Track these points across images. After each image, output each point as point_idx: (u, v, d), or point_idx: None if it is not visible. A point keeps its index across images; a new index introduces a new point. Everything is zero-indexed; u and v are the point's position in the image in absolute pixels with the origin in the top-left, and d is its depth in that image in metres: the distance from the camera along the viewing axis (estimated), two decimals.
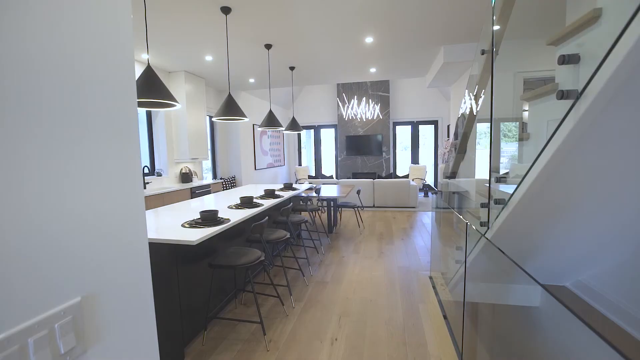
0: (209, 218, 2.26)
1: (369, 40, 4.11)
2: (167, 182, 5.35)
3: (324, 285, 3.12)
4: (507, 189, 1.60)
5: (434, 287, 3.06)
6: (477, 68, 2.43)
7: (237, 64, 5.03)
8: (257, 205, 2.97)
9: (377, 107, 9.60)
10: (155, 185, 5.04)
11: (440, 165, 5.12)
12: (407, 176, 7.56)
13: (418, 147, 9.86)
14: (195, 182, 5.50)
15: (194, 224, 2.22)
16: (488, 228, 1.75)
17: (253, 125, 7.94)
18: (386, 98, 9.51)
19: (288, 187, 4.28)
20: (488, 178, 1.85)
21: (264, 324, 2.41)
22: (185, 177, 5.53)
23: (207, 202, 3.26)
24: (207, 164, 7.17)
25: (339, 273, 3.43)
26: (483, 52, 2.12)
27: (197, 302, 2.28)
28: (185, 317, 2.13)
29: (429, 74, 5.81)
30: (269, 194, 3.55)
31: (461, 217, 2.22)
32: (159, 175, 5.13)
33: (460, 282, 2.25)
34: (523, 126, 2.16)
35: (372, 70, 5.71)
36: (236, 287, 2.86)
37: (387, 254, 4.01)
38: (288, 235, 2.90)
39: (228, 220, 2.37)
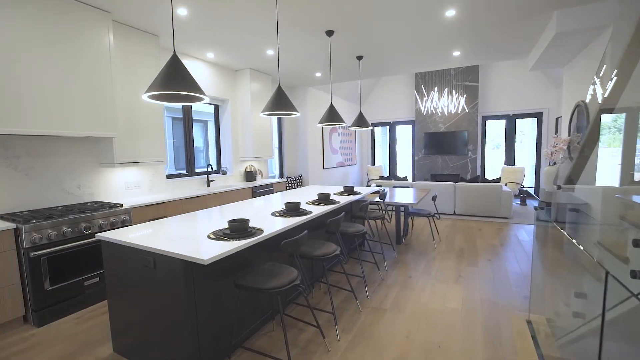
0: (237, 229, 1.93)
1: (450, 13, 3.33)
2: (232, 180, 5.38)
3: (380, 314, 2.56)
4: None
5: (533, 337, 2.23)
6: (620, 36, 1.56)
7: (298, 55, 4.72)
8: (303, 212, 2.56)
9: (463, 100, 8.35)
10: (219, 184, 5.09)
11: (545, 168, 3.99)
12: (498, 180, 6.32)
13: (514, 145, 8.28)
14: (258, 181, 5.42)
15: (220, 235, 1.91)
16: None
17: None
18: (474, 88, 8.20)
19: (348, 190, 3.79)
20: None
21: None
22: (249, 175, 5.49)
23: (256, 205, 2.99)
24: (275, 162, 7.14)
25: (402, 298, 2.81)
26: None
27: (223, 326, 1.98)
28: (205, 343, 1.83)
29: (533, 53, 4.61)
30: (323, 199, 3.12)
31: (587, 253, 1.43)
32: (224, 173, 5.17)
33: (583, 341, 1.46)
34: None
35: (456, 54, 4.80)
36: (273, 308, 2.51)
37: (468, 279, 3.20)
38: (337, 252, 2.42)
39: (260, 231, 2.01)
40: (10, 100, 2.46)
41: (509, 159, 8.32)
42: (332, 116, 3.96)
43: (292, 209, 2.58)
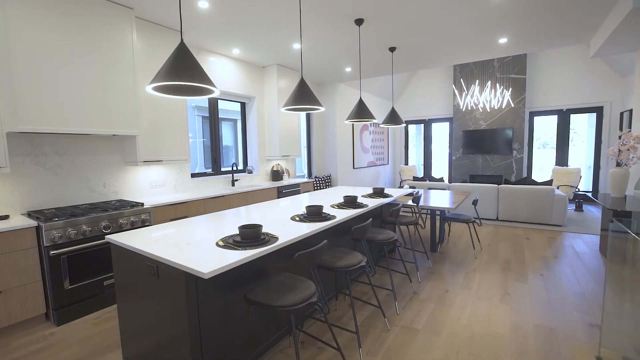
0: (248, 236, 1.73)
1: None
2: (258, 180, 5.26)
3: (412, 335, 2.24)
4: None
5: None
6: None
7: (325, 49, 4.47)
8: (326, 217, 2.31)
9: (508, 94, 7.63)
10: (244, 183, 4.99)
11: (612, 170, 3.42)
12: (549, 182, 5.64)
13: (567, 143, 7.43)
14: (285, 181, 5.26)
15: (230, 243, 1.72)
16: None
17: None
18: (521, 81, 7.46)
19: (378, 192, 3.48)
20: None
21: None
22: (276, 175, 5.35)
23: (277, 207, 2.79)
24: (303, 161, 6.95)
25: (438, 317, 2.46)
26: None
27: (232, 340, 1.79)
28: (210, 359, 1.65)
29: (597, 37, 3.99)
30: (349, 202, 2.85)
31: None
32: (250, 172, 5.06)
33: None
34: None
35: (502, 41, 4.29)
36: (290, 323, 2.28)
37: (517, 298, 2.77)
38: (363, 263, 2.14)
39: (275, 239, 1.79)
40: (38, 99, 2.46)
41: (561, 158, 7.48)
42: (361, 111, 3.67)
43: (314, 214, 2.34)
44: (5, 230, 2.25)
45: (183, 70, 1.62)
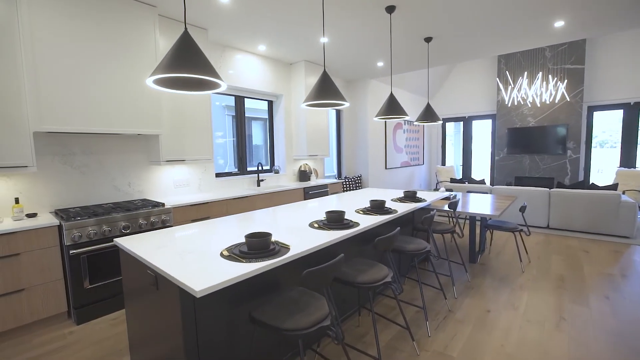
0: (255, 246, 1.54)
1: None
2: (285, 180, 5.13)
3: None
4: None
5: None
6: None
7: (354, 41, 4.20)
8: (347, 225, 2.08)
9: (562, 86, 6.84)
10: (271, 183, 4.87)
11: None
12: (614, 187, 4.91)
13: (635, 142, 6.49)
14: (312, 182, 5.07)
15: (235, 254, 1.54)
16: None
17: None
18: (578, 72, 6.65)
19: (410, 196, 3.16)
20: None
21: None
22: (303, 175, 5.18)
23: (299, 210, 2.60)
24: (333, 161, 6.73)
25: (477, 342, 2.13)
26: None
27: None
28: None
29: None
30: (376, 207, 2.58)
31: None
32: (276, 172, 4.94)
33: None
34: None
35: (558, 24, 3.75)
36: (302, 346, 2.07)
37: (576, 325, 2.34)
38: (388, 279, 1.88)
39: (286, 249, 1.59)
40: (63, 99, 2.48)
41: (627, 159, 6.55)
42: (392, 108, 3.37)
43: (334, 221, 2.11)
44: (29, 228, 2.27)
45: (185, 61, 1.46)
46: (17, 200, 2.53)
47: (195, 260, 1.47)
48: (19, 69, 2.33)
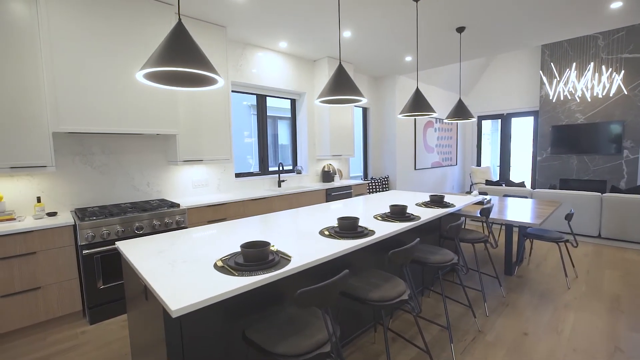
0: (251, 258, 1.39)
1: None
2: (307, 181, 4.99)
3: None
4: None
5: None
6: None
7: (379, 34, 3.95)
8: (362, 234, 1.87)
9: (619, 78, 6.08)
10: (292, 184, 4.75)
11: None
12: None
13: None
14: (336, 183, 4.88)
15: (230, 266, 1.40)
16: None
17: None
18: (637, 62, 5.89)
19: (436, 201, 2.88)
20: None
21: None
22: (327, 176, 5.01)
23: (315, 214, 2.43)
24: (359, 161, 6.49)
25: None
26: None
27: None
28: None
29: None
30: (397, 212, 2.35)
31: None
32: (299, 172, 4.81)
33: None
34: None
35: (615, 5, 3.27)
36: None
37: (636, 357, 1.96)
38: (405, 297, 1.65)
39: (287, 261, 1.43)
40: (80, 100, 2.50)
41: None
42: (417, 104, 3.10)
43: (347, 228, 1.92)
44: (45, 227, 2.30)
45: (177, 54, 1.35)
46: (39, 199, 2.59)
47: (187, 271, 1.34)
48: (39, 70, 2.38)
